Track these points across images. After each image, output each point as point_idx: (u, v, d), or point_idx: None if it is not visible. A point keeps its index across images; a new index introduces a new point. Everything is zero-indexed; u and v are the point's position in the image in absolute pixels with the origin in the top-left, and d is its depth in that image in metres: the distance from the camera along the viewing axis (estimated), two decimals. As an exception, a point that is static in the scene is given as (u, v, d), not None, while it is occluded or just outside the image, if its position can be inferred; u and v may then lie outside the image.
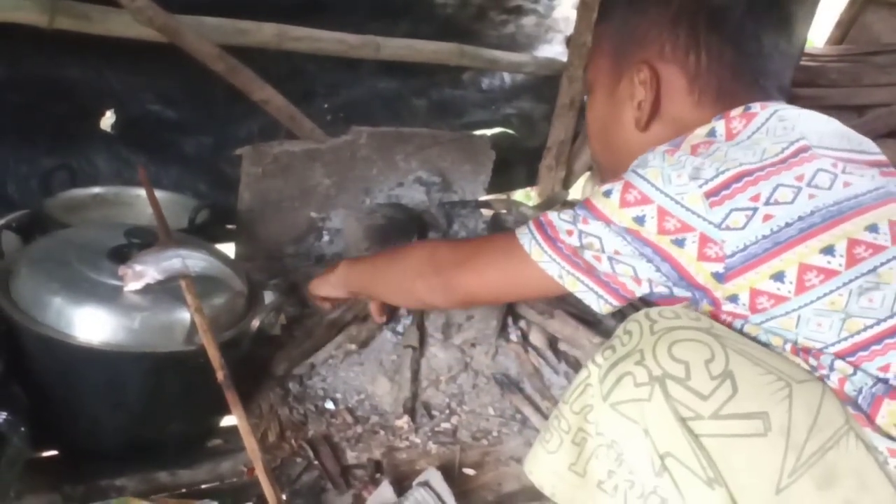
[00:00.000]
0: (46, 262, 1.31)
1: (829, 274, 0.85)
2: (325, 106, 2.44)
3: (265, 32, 2.08)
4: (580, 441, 0.96)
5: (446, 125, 2.72)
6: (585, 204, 1.00)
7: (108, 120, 2.07)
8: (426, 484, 1.37)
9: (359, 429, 1.55)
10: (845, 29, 3.37)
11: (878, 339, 0.84)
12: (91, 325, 1.23)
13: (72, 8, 1.76)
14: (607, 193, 0.97)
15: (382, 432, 1.56)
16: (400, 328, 1.80)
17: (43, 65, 1.90)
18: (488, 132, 2.92)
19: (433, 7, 2.55)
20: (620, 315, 1.45)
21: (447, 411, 1.66)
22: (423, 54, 2.50)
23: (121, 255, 1.31)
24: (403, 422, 1.58)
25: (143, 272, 1.27)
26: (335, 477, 1.42)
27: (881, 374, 0.84)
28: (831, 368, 0.87)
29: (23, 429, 1.16)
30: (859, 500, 0.83)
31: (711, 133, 0.99)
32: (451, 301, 1.28)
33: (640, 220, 0.93)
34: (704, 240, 0.89)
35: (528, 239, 1.07)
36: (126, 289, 1.26)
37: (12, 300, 1.27)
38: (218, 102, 2.16)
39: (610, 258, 0.97)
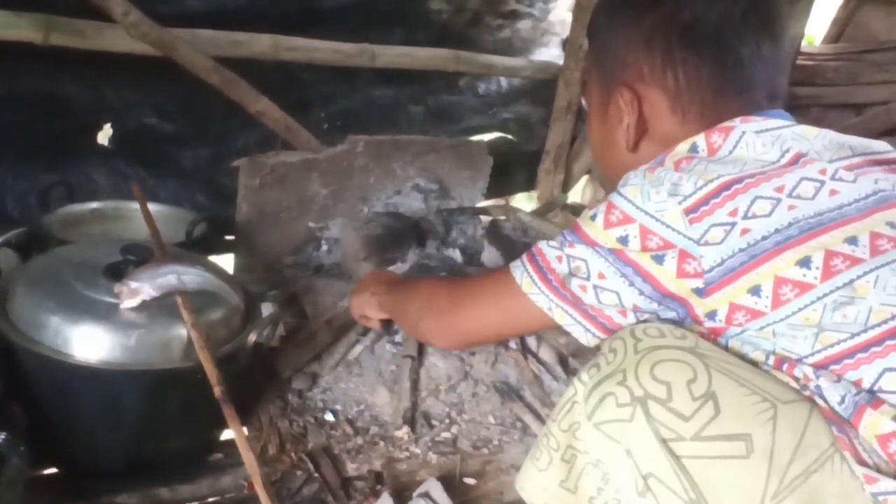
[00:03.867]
0: (43, 280, 1.32)
1: (803, 287, 0.84)
2: (322, 115, 2.45)
3: (260, 43, 2.09)
4: (570, 458, 0.96)
5: (444, 131, 2.72)
6: (573, 227, 1.01)
7: (105, 134, 2.08)
8: (427, 495, 1.37)
9: (359, 440, 1.55)
10: (841, 27, 3.36)
11: (850, 354, 0.83)
12: (88, 343, 1.23)
13: (66, 24, 1.76)
14: (593, 217, 0.97)
15: (382, 443, 1.56)
16: (399, 338, 1.80)
17: (39, 81, 1.91)
18: (486, 137, 2.92)
19: (428, 14, 2.55)
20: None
21: (447, 421, 1.66)
22: (420, 61, 2.50)
23: (117, 273, 1.32)
24: (403, 432, 1.58)
25: (139, 289, 1.27)
26: (336, 489, 1.41)
27: (854, 389, 0.83)
28: (818, 376, 0.86)
29: (22, 448, 1.16)
30: None
31: (693, 148, 0.99)
32: (452, 343, 1.32)
33: (623, 240, 0.93)
34: (683, 256, 0.89)
35: (520, 272, 1.08)
36: (122, 306, 1.27)
37: (10, 319, 1.27)
38: (214, 115, 2.17)
39: (595, 286, 0.97)
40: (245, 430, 1.29)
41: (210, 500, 1.39)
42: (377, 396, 1.67)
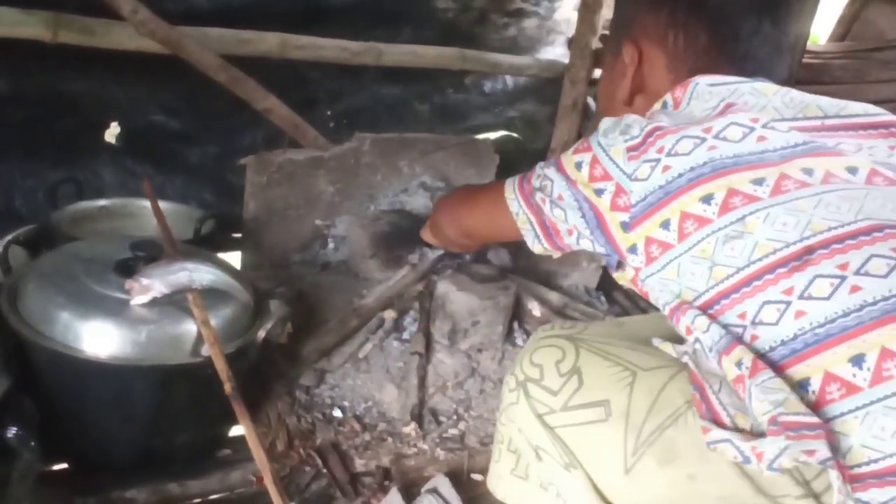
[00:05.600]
0: (53, 276, 1.32)
1: (702, 222, 0.88)
2: (329, 113, 2.45)
3: (267, 41, 2.09)
4: (515, 449, 1.03)
5: (450, 129, 2.72)
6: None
7: (112, 132, 2.08)
8: (435, 490, 1.38)
9: (367, 436, 1.56)
10: (848, 25, 3.34)
11: (736, 288, 0.86)
12: (99, 338, 1.24)
13: (74, 22, 1.77)
14: (572, 147, 1.05)
15: (390, 439, 1.56)
16: (406, 335, 1.81)
17: (47, 79, 1.91)
18: (492, 135, 2.92)
19: (435, 12, 2.55)
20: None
21: (455, 417, 1.67)
22: (426, 59, 2.50)
23: (127, 269, 1.32)
24: (411, 428, 1.59)
25: (150, 285, 1.27)
26: (344, 485, 1.42)
27: (739, 321, 0.85)
28: (694, 326, 0.89)
29: (33, 443, 1.17)
30: (701, 473, 0.87)
31: (664, 105, 1.05)
32: (455, 234, 1.46)
33: (578, 165, 0.99)
34: (618, 190, 0.94)
35: (510, 181, 1.18)
36: (133, 302, 1.27)
37: (21, 315, 1.28)
38: (221, 112, 2.17)
39: (551, 202, 1.04)
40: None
41: (219, 495, 1.40)
42: (385, 393, 1.67)
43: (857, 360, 0.76)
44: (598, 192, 0.96)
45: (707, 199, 0.87)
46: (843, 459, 0.76)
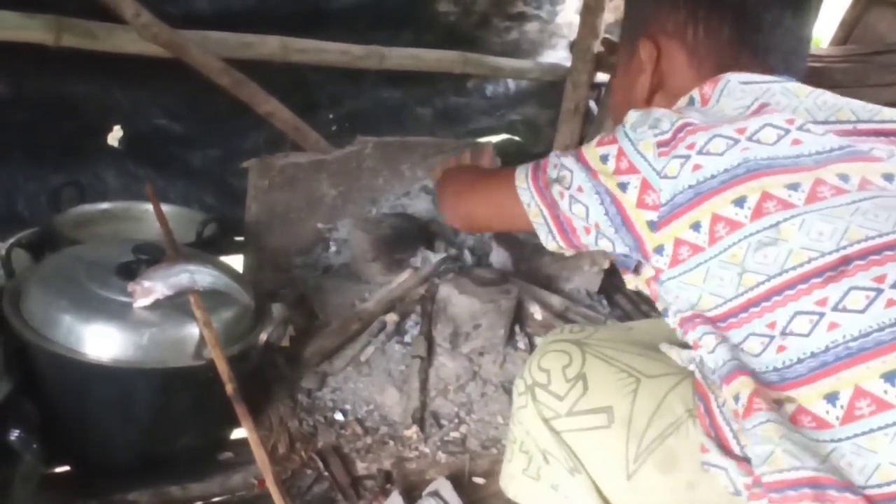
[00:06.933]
0: (56, 279, 1.33)
1: (734, 226, 0.85)
2: (330, 117, 2.46)
3: (269, 45, 2.10)
4: (526, 450, 1.04)
5: (451, 133, 2.72)
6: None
7: (115, 135, 2.09)
8: (436, 494, 1.38)
9: (368, 439, 1.56)
10: (849, 29, 3.34)
11: (767, 297, 0.83)
12: (101, 341, 1.24)
13: (77, 26, 1.77)
14: (593, 140, 1.01)
15: (392, 443, 1.56)
16: (408, 338, 1.81)
17: (50, 82, 1.92)
18: (494, 139, 2.92)
19: (436, 16, 2.56)
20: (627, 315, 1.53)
21: (456, 420, 1.67)
22: (427, 63, 2.51)
23: (129, 272, 1.33)
24: (412, 432, 1.59)
25: (152, 288, 1.28)
26: (345, 488, 1.42)
27: (768, 331, 0.83)
28: (701, 343, 0.87)
29: (35, 445, 1.17)
30: (701, 482, 0.87)
31: (691, 101, 1.02)
32: (458, 221, 1.39)
33: (604, 158, 0.96)
34: (645, 186, 0.91)
35: (521, 169, 1.13)
36: (135, 305, 1.28)
37: (23, 318, 1.28)
38: (224, 116, 2.18)
39: (571, 196, 1.00)
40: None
41: (220, 498, 1.40)
42: (386, 396, 1.67)
43: (891, 377, 0.74)
44: (623, 187, 0.93)
45: (740, 202, 0.85)
46: (869, 478, 0.74)
